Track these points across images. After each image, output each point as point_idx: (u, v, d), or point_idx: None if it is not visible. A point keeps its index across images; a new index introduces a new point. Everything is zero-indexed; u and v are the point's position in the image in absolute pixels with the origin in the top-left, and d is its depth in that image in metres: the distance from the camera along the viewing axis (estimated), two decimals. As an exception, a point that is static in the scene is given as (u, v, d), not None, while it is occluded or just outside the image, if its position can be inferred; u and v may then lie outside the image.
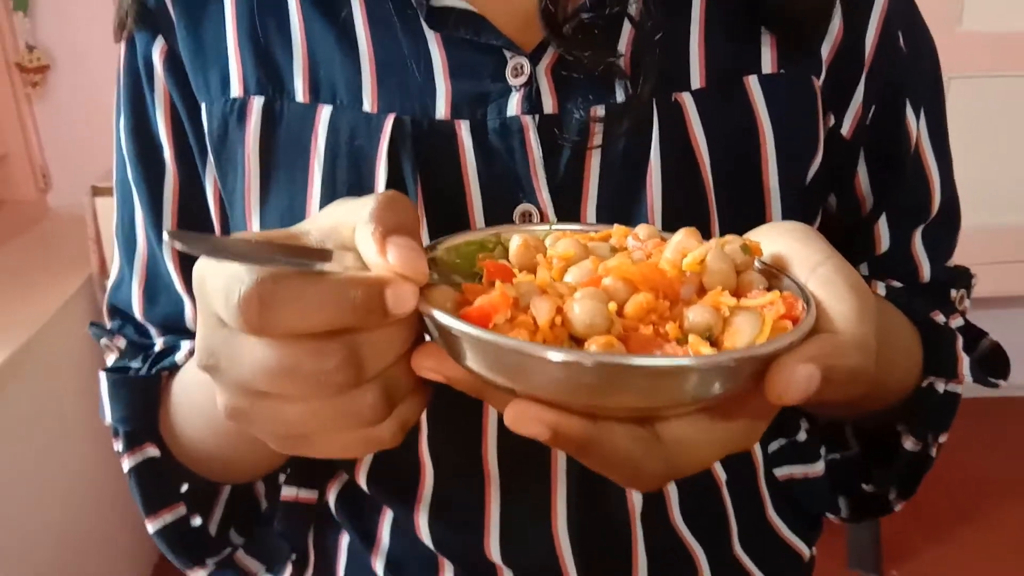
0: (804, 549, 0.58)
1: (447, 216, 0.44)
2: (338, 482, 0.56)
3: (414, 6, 0.45)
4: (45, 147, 1.87)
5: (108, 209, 1.57)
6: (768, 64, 0.47)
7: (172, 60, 0.50)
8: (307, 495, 0.54)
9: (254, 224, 0.47)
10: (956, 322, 0.55)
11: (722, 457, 0.30)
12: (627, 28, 0.45)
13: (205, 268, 0.29)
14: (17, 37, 1.76)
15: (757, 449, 0.55)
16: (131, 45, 0.51)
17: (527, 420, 0.27)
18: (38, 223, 1.87)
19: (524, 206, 0.45)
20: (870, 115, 0.51)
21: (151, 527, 0.52)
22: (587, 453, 0.28)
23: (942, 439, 0.53)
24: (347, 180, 0.44)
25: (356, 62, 0.46)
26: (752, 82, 0.47)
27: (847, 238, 0.52)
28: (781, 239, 0.32)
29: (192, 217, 0.50)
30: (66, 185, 1.88)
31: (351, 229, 0.28)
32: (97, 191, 1.57)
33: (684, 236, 0.31)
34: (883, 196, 0.53)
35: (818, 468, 0.55)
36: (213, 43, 0.49)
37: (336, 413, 0.28)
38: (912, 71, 0.52)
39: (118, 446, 0.53)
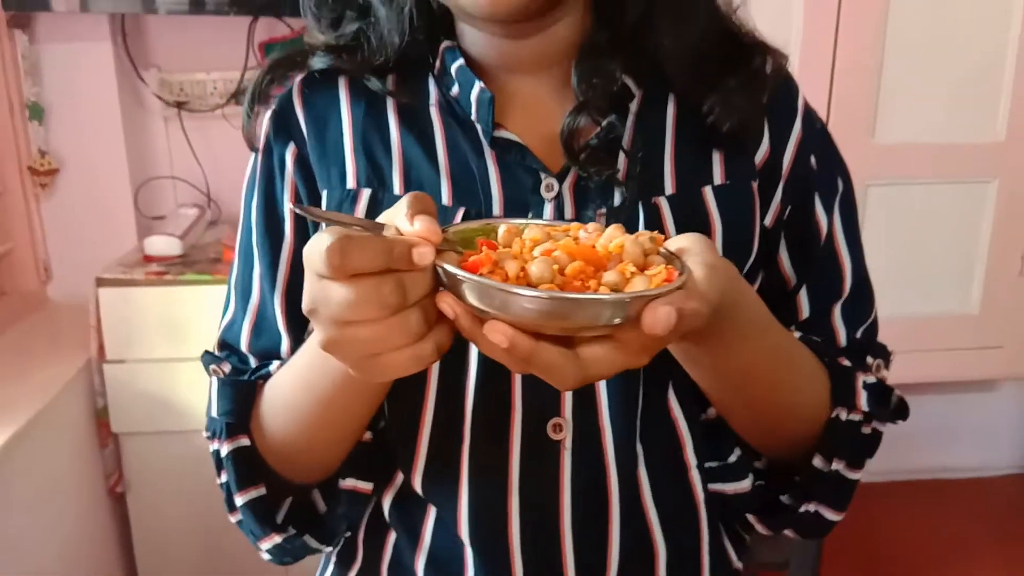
0: (735, 560, 0.71)
1: None
2: (393, 488, 0.68)
3: (477, 132, 0.63)
4: (49, 242, 2.01)
5: (110, 299, 1.70)
6: (718, 176, 0.64)
7: (301, 160, 0.66)
8: (364, 486, 0.67)
9: None
10: (868, 378, 0.66)
11: (616, 372, 0.45)
12: (621, 152, 0.63)
13: (312, 241, 0.44)
14: (31, 143, 1.92)
15: (694, 473, 0.67)
16: (268, 146, 0.67)
17: (496, 332, 0.42)
18: (38, 312, 1.99)
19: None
20: (787, 212, 0.67)
21: (240, 500, 0.64)
22: (530, 362, 0.43)
23: (853, 474, 0.64)
24: None
25: (436, 168, 0.63)
26: (707, 192, 0.64)
27: (778, 307, 0.65)
28: (688, 240, 0.49)
29: (299, 275, 0.62)
30: (67, 277, 2.02)
31: (397, 215, 0.46)
32: (101, 282, 1.70)
33: (613, 229, 0.46)
34: (802, 274, 0.68)
35: (744, 485, 0.67)
36: (334, 148, 0.65)
37: (393, 330, 0.44)
38: (821, 181, 0.68)
39: (216, 438, 0.66)
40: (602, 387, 0.63)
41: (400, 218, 0.45)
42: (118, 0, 1.81)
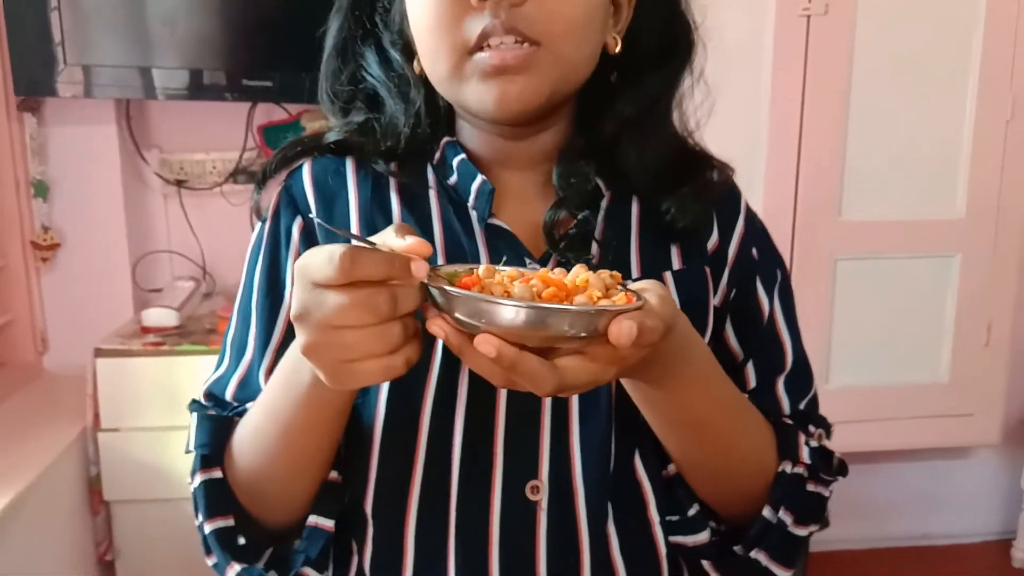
0: None
1: None
2: (368, 547, 0.71)
3: (470, 217, 0.71)
4: (48, 314, 2.07)
5: (107, 368, 1.76)
6: (676, 262, 0.72)
7: (307, 233, 0.72)
8: (326, 523, 0.70)
9: None
10: (813, 442, 0.73)
11: (589, 384, 0.51)
12: (595, 242, 0.71)
13: (309, 253, 0.50)
14: (34, 218, 2.01)
15: (658, 528, 0.72)
16: (276, 216, 0.73)
17: (484, 344, 0.48)
18: (33, 382, 2.03)
19: None
20: (732, 294, 0.75)
21: (208, 528, 0.67)
22: (514, 369, 0.49)
23: (799, 530, 0.69)
24: None
25: (432, 245, 0.68)
26: (668, 276, 0.72)
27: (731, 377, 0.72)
28: (645, 282, 0.56)
29: (292, 336, 0.68)
30: (63, 347, 2.07)
31: (387, 237, 0.52)
32: (100, 352, 1.76)
33: (578, 268, 0.54)
34: (748, 350, 0.75)
35: (702, 537, 0.71)
36: (340, 223, 0.71)
37: (374, 338, 0.50)
38: (762, 270, 0.77)
39: (194, 467, 0.70)
40: (576, 452, 0.69)
41: (390, 237, 0.52)
42: (121, 86, 1.90)
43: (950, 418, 2.25)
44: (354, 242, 0.51)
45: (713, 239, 0.75)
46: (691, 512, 0.71)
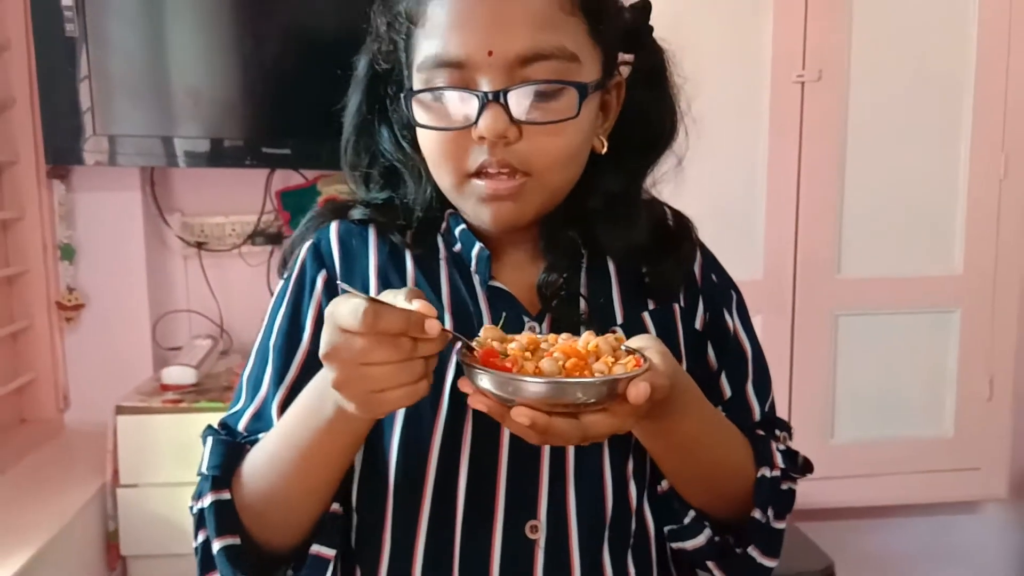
0: None
1: None
2: None
3: (474, 281, 0.77)
4: (70, 372, 2.14)
5: (128, 425, 1.81)
6: (651, 304, 0.80)
7: (329, 285, 0.78)
8: (327, 552, 0.74)
9: None
10: (780, 446, 0.82)
11: (612, 432, 0.60)
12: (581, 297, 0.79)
13: (337, 301, 0.57)
14: (60, 280, 2.09)
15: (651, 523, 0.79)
16: (303, 269, 0.80)
17: (520, 415, 0.57)
18: (54, 439, 2.09)
19: None
20: (708, 316, 0.83)
21: (217, 545, 0.71)
22: (545, 432, 0.57)
23: (779, 524, 0.78)
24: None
25: (441, 305, 0.77)
26: (645, 316, 0.79)
27: (707, 390, 0.78)
28: (643, 339, 0.65)
29: (306, 376, 0.74)
30: (84, 405, 2.13)
31: (398, 299, 0.59)
32: (120, 410, 1.82)
33: (588, 335, 0.63)
34: (720, 362, 0.83)
35: (700, 540, 0.78)
36: (360, 280, 0.77)
37: (401, 371, 0.57)
38: (722, 291, 0.85)
39: (200, 497, 0.74)
40: (572, 493, 0.75)
41: (401, 300, 0.59)
42: (145, 155, 2.00)
43: (956, 472, 2.26)
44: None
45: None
46: (687, 520, 0.78)
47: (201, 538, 0.74)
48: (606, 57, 0.74)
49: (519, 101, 0.68)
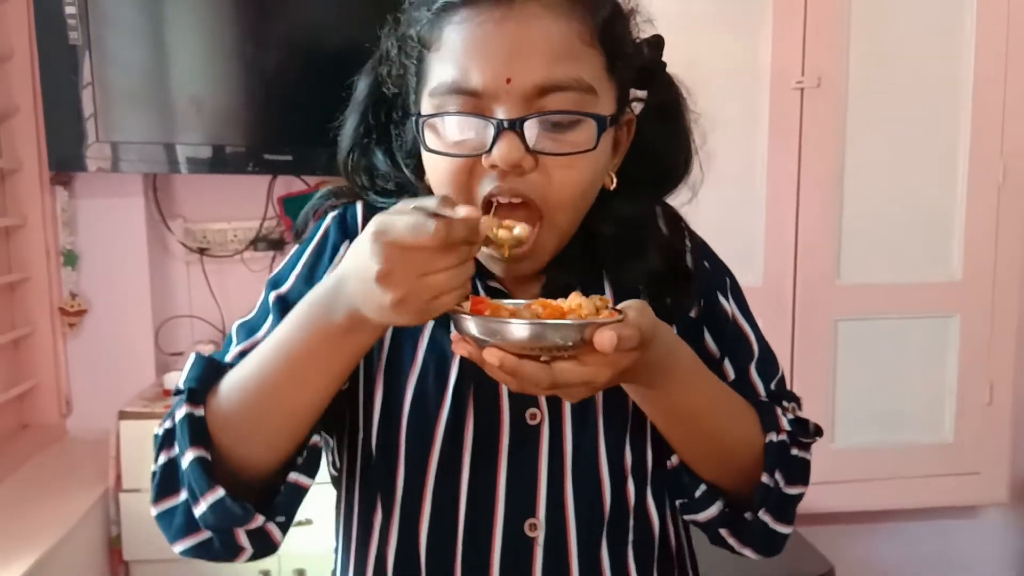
0: None
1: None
2: None
3: (476, 285, 0.75)
4: (72, 378, 2.15)
5: (130, 431, 1.82)
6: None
7: None
8: (305, 480, 0.72)
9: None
10: (789, 415, 0.81)
11: (584, 383, 0.60)
12: None
13: (388, 221, 0.57)
14: (63, 286, 2.09)
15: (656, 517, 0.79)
16: (326, 234, 0.79)
17: (491, 355, 0.58)
18: (56, 444, 2.09)
19: (532, 409, 0.76)
20: (702, 303, 0.82)
21: (191, 455, 0.66)
22: (514, 373, 0.58)
23: (791, 490, 0.77)
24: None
25: None
26: None
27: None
28: (629, 302, 0.64)
29: None
30: (86, 410, 2.14)
31: (428, 205, 0.59)
32: (123, 415, 1.83)
33: (574, 295, 0.62)
34: (722, 348, 0.83)
35: (711, 512, 0.78)
36: None
37: (460, 274, 0.58)
38: (716, 279, 0.84)
39: (178, 401, 0.69)
40: (569, 491, 0.75)
41: (433, 205, 0.59)
42: (148, 161, 2.01)
43: (956, 477, 2.27)
44: (413, 211, 0.58)
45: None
46: (697, 494, 0.78)
47: (163, 459, 0.69)
48: (620, 93, 0.73)
49: (535, 131, 0.67)
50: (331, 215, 0.81)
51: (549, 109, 0.67)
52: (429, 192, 0.74)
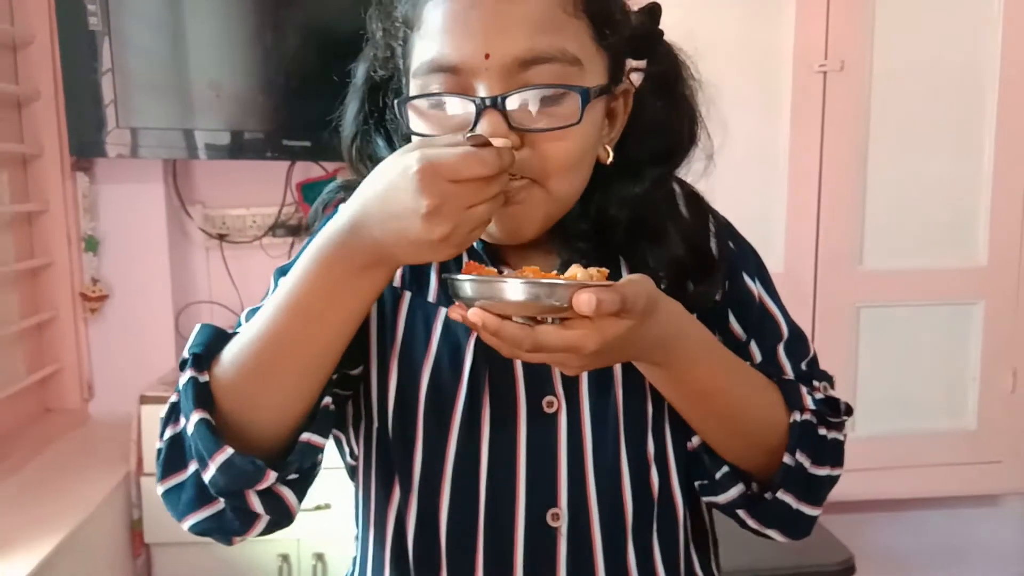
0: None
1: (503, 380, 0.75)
2: None
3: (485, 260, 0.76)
4: (94, 363, 2.17)
5: (152, 415, 1.83)
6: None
7: None
8: (318, 440, 0.69)
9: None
10: (818, 395, 0.79)
11: (568, 348, 0.59)
12: None
13: (425, 156, 0.58)
14: (84, 272, 2.11)
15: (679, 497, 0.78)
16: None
17: (474, 315, 0.58)
18: (79, 428, 2.11)
19: (548, 397, 0.75)
20: (727, 286, 0.80)
21: (195, 417, 0.63)
22: (498, 334, 0.58)
23: (818, 471, 0.74)
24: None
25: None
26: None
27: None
28: (631, 276, 0.63)
29: None
30: (107, 395, 2.16)
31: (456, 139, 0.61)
32: (145, 399, 1.84)
33: (575, 267, 0.62)
34: (748, 330, 0.81)
35: (732, 494, 0.76)
36: None
37: (496, 204, 0.60)
38: (741, 260, 0.82)
39: (183, 367, 0.67)
40: (591, 479, 0.74)
41: (460, 138, 0.61)
42: (167, 147, 2.02)
43: (978, 465, 2.25)
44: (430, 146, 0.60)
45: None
46: (718, 475, 0.77)
47: (169, 433, 0.67)
48: (613, 63, 0.72)
49: (518, 106, 0.66)
50: (341, 208, 0.80)
51: (532, 83, 0.66)
52: None
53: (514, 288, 0.58)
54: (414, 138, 0.70)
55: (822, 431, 0.76)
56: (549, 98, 0.66)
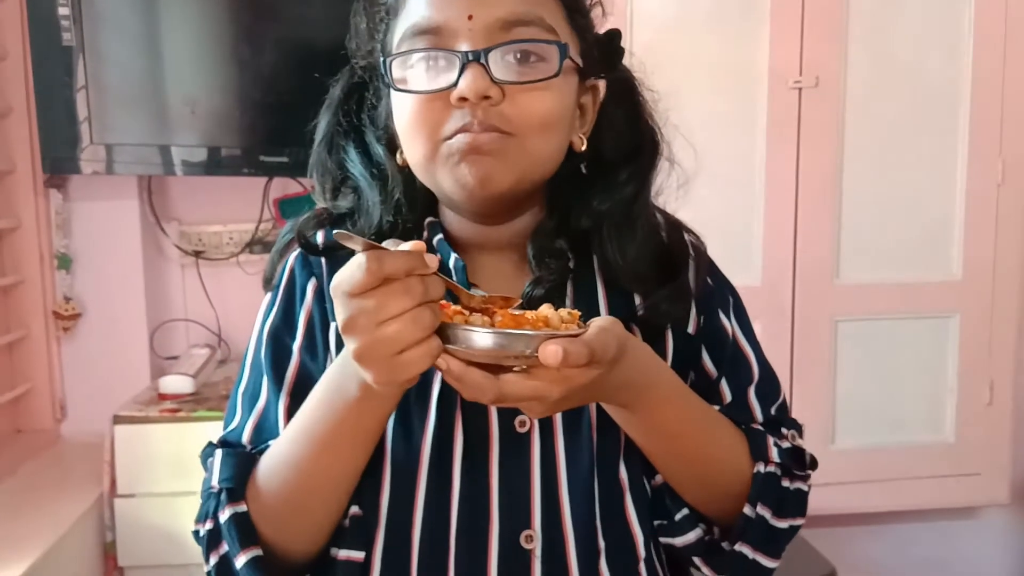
0: None
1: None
2: None
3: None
4: (67, 382, 2.13)
5: (125, 435, 1.80)
6: (641, 308, 0.77)
7: (319, 293, 0.77)
8: (357, 555, 0.74)
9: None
10: (785, 443, 0.78)
11: (533, 397, 0.58)
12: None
13: (339, 273, 0.57)
14: (57, 289, 2.08)
15: (638, 531, 0.77)
16: (292, 277, 0.79)
17: (442, 359, 0.57)
18: (50, 449, 2.07)
19: (520, 416, 0.74)
20: (701, 320, 0.81)
21: (244, 558, 0.69)
22: (461, 381, 0.57)
23: (780, 523, 0.75)
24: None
25: None
26: (634, 327, 0.76)
27: (707, 397, 0.78)
28: (601, 319, 0.62)
29: (302, 380, 0.76)
30: (80, 415, 2.12)
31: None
32: (118, 419, 1.81)
33: (545, 307, 0.61)
34: (720, 368, 0.81)
35: (690, 538, 0.76)
36: None
37: (414, 324, 0.56)
38: (718, 296, 0.83)
39: (207, 518, 0.73)
40: (565, 501, 0.74)
41: (389, 246, 0.59)
42: (142, 163, 1.98)
43: (957, 478, 2.26)
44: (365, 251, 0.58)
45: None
46: (678, 517, 0.77)
47: (214, 560, 0.72)
48: (584, 50, 0.75)
49: (500, 62, 0.68)
50: (292, 256, 0.81)
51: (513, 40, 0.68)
52: (400, 169, 0.76)
53: (482, 337, 0.58)
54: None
55: (785, 483, 0.77)
56: (528, 56, 0.69)
